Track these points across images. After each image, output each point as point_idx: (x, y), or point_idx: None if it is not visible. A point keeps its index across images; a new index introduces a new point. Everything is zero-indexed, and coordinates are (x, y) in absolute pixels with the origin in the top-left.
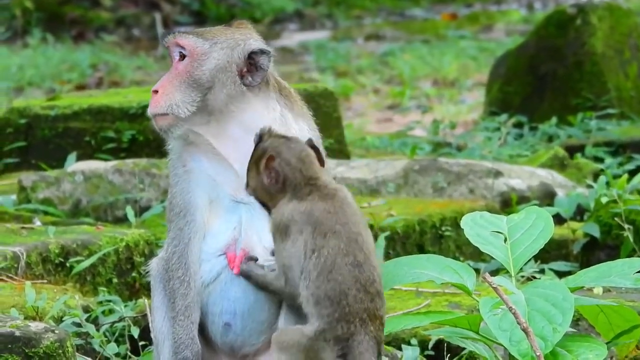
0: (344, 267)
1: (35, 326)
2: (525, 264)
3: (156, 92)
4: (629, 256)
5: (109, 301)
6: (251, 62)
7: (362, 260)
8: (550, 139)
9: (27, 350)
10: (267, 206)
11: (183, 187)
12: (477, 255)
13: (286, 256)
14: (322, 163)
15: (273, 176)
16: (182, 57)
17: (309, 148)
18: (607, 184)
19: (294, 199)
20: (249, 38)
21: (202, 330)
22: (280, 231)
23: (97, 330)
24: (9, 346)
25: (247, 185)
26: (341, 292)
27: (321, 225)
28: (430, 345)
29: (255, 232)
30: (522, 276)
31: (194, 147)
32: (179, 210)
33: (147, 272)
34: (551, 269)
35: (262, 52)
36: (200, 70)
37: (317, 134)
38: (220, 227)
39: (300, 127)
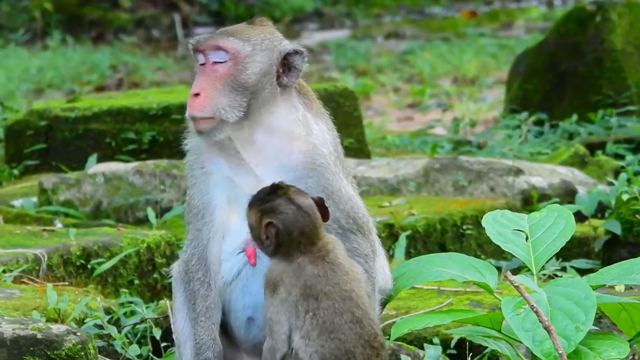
0: (343, 325)
1: (57, 328)
2: (547, 262)
3: (197, 95)
4: None
5: (131, 303)
6: (285, 63)
7: (360, 315)
8: (571, 136)
9: (49, 353)
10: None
11: (201, 189)
12: (498, 253)
13: (274, 311)
14: (326, 218)
15: (270, 238)
16: (216, 60)
17: (315, 219)
18: (628, 180)
19: (285, 260)
20: (281, 38)
21: (225, 328)
22: (270, 288)
23: (119, 332)
24: (31, 349)
25: (248, 208)
26: (347, 351)
27: (311, 289)
28: (452, 344)
29: None
30: (544, 274)
31: (216, 150)
32: (197, 212)
33: (170, 275)
34: (573, 267)
35: (296, 52)
36: (246, 74)
37: (335, 134)
38: (238, 227)
39: (320, 127)
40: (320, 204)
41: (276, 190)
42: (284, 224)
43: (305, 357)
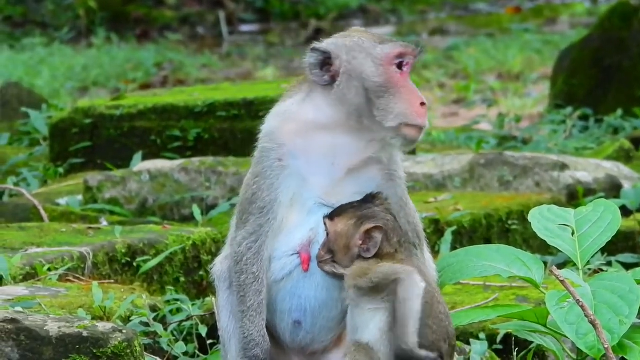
0: (441, 314)
1: (102, 326)
2: (593, 256)
3: (424, 104)
4: None
5: (177, 300)
6: None
7: (448, 312)
8: (616, 131)
9: (95, 351)
10: (332, 252)
11: (273, 183)
12: (544, 248)
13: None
14: None
15: (368, 243)
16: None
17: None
18: None
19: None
20: None
21: (268, 328)
22: (379, 289)
23: (165, 329)
24: (77, 347)
25: (330, 219)
26: (431, 342)
27: (424, 275)
28: (499, 339)
29: None
30: (589, 269)
31: (302, 145)
32: (263, 206)
33: (212, 272)
34: (618, 261)
35: None
36: None
37: None
38: (296, 227)
39: None
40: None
41: (373, 199)
42: (387, 228)
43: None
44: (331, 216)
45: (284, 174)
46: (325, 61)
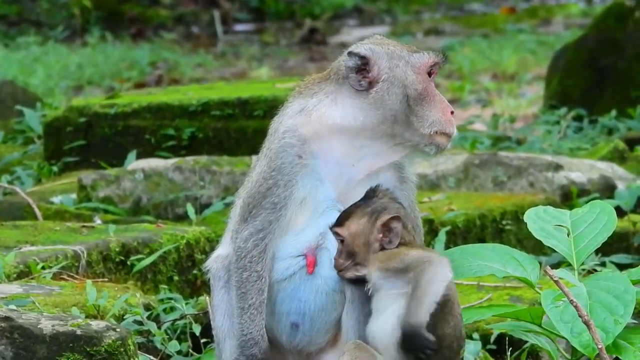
0: (458, 315)
1: (96, 325)
2: (587, 257)
3: (452, 112)
4: None
5: (170, 299)
6: None
7: (461, 313)
8: (610, 131)
9: (88, 349)
10: (352, 254)
11: (290, 180)
12: (538, 249)
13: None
14: None
15: (389, 235)
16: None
17: None
18: None
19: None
20: None
21: (265, 328)
22: (407, 270)
23: (159, 328)
24: (71, 345)
25: (339, 225)
26: (457, 338)
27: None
28: (492, 339)
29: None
30: (584, 269)
31: (324, 145)
32: (277, 201)
33: (207, 270)
34: (612, 262)
35: None
36: None
37: None
38: (304, 229)
39: None
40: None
41: (375, 193)
42: (402, 217)
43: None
44: (339, 222)
45: (304, 174)
46: (361, 66)
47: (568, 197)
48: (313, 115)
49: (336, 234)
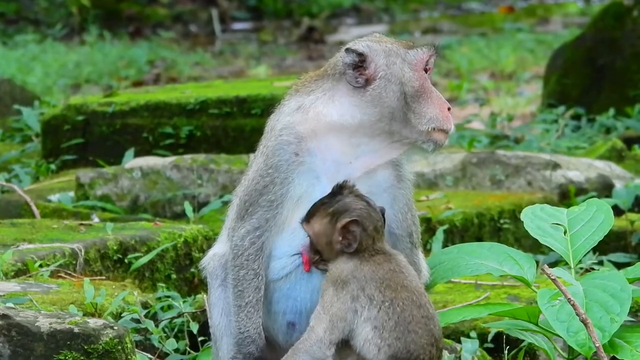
0: (420, 320)
1: (94, 322)
2: (584, 255)
3: (449, 109)
4: None
5: (168, 297)
6: None
7: (432, 314)
8: (608, 130)
9: (86, 347)
10: (318, 252)
11: (286, 177)
12: (535, 247)
13: (340, 308)
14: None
15: (348, 238)
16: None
17: (381, 217)
18: None
19: (355, 259)
20: None
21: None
22: (337, 286)
23: (156, 326)
24: (68, 343)
25: (306, 221)
26: (421, 346)
27: (389, 281)
28: (490, 337)
29: None
30: (581, 268)
31: (321, 143)
32: (274, 199)
33: (203, 268)
34: (610, 261)
35: None
36: None
37: None
38: (297, 225)
39: None
40: (382, 213)
41: (341, 190)
42: (362, 219)
43: (373, 350)
44: (307, 218)
45: (300, 171)
46: (358, 63)
47: (566, 196)
48: (310, 113)
49: (303, 228)
